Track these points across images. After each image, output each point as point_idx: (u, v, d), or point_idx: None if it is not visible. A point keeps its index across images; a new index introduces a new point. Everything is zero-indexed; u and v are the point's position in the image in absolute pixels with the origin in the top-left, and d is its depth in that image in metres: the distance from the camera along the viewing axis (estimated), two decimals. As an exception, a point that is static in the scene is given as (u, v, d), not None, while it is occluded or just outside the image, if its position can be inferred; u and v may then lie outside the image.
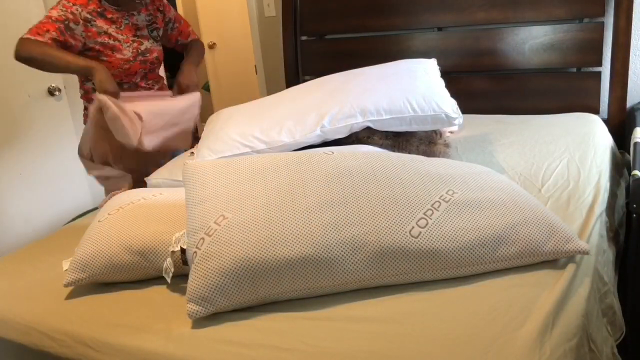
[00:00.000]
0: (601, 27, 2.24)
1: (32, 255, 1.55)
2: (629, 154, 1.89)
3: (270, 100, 1.85)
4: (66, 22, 1.76)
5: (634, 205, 1.55)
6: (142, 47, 1.96)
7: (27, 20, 2.02)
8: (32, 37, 1.74)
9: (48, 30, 1.74)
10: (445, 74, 2.58)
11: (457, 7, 2.48)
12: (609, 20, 2.24)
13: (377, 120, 1.56)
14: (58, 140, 2.63)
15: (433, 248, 1.13)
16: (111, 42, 1.86)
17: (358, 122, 1.56)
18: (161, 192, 1.56)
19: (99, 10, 1.85)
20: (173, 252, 1.23)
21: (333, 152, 1.40)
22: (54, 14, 1.76)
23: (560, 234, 1.17)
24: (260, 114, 1.73)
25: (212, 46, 4.52)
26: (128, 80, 1.97)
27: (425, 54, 2.60)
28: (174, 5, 4.85)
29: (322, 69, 2.89)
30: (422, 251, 1.13)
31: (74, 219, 1.84)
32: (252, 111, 1.77)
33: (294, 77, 2.93)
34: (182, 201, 1.39)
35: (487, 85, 2.51)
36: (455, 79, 2.57)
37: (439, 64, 2.59)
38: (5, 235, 2.51)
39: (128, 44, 1.91)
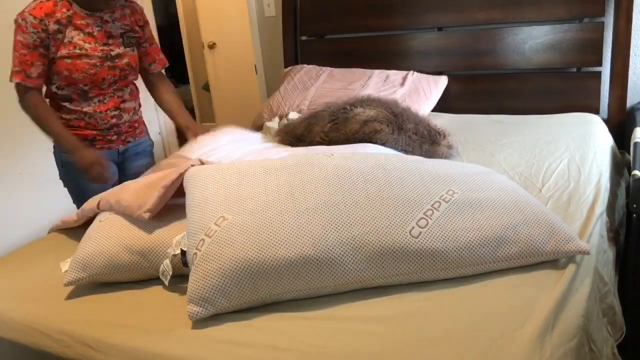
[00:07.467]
0: (601, 27, 2.24)
1: (32, 255, 1.55)
2: (629, 154, 1.89)
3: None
4: (43, 43, 1.68)
5: (634, 205, 1.55)
6: (113, 53, 1.83)
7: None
8: (23, 83, 1.68)
9: (33, 64, 1.68)
10: (445, 74, 2.59)
11: (457, 7, 2.48)
12: (609, 20, 2.24)
13: None
14: (58, 140, 2.61)
15: (433, 248, 1.13)
16: (77, 51, 1.74)
17: None
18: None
19: (67, 15, 1.72)
20: (174, 255, 1.22)
21: (333, 154, 1.41)
22: (29, 39, 1.66)
23: (561, 234, 1.17)
24: None
25: (212, 46, 4.51)
26: (94, 87, 1.82)
27: (425, 54, 2.60)
28: (174, 6, 4.83)
29: (322, 69, 2.89)
30: (423, 251, 1.13)
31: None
32: None
33: (294, 77, 2.93)
34: (182, 202, 1.39)
35: (487, 85, 2.51)
36: (455, 79, 2.57)
37: (439, 64, 2.60)
38: (5, 235, 2.51)
39: (96, 51, 1.78)
